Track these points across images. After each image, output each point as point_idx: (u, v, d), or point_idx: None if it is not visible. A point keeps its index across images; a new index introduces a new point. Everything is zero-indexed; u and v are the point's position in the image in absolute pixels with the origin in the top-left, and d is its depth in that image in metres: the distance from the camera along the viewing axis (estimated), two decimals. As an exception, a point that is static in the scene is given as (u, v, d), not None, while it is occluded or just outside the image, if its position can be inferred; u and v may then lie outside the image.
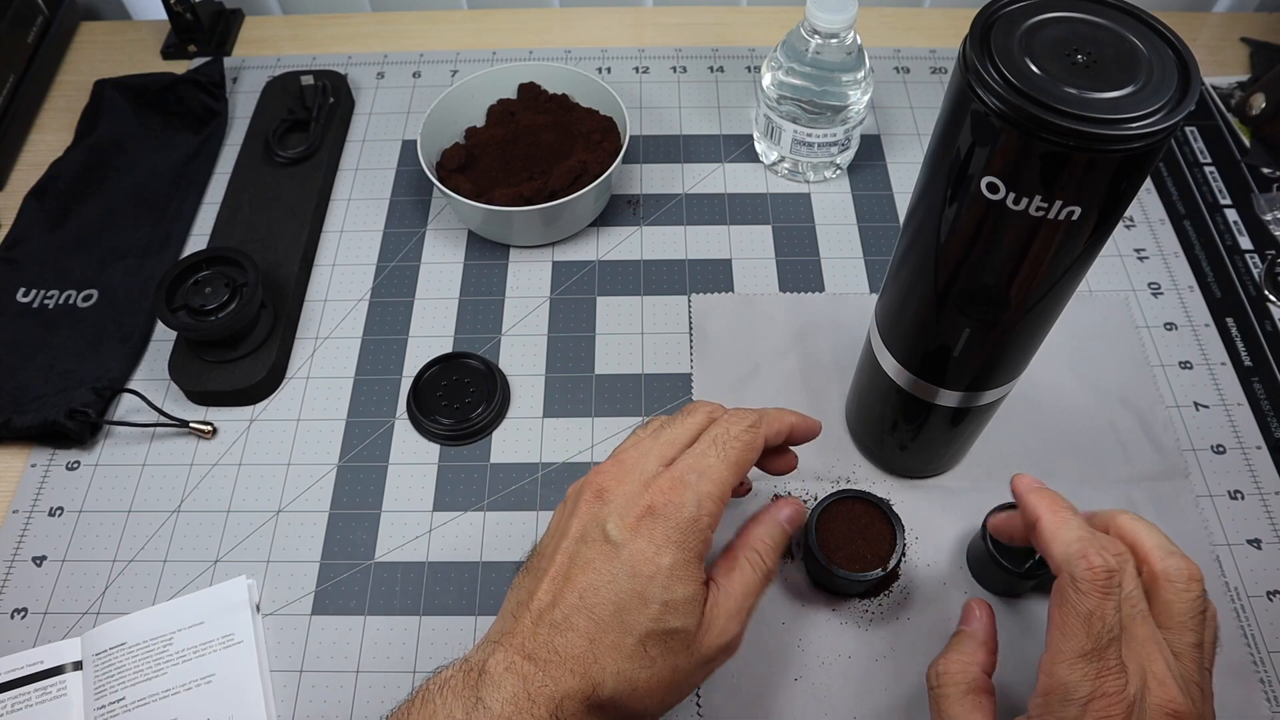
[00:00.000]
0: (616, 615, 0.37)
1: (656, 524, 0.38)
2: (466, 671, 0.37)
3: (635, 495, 0.39)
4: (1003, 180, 0.34)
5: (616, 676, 0.37)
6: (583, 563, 0.39)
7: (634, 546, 0.38)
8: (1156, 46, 0.34)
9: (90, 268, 0.65)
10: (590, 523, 0.40)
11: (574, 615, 0.38)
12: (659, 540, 0.38)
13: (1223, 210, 0.68)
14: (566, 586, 0.38)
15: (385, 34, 0.82)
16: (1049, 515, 0.39)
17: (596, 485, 0.40)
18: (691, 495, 0.39)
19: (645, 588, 0.38)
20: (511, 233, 0.66)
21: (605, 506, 0.39)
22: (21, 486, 0.57)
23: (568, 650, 0.37)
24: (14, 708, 0.48)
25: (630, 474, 0.40)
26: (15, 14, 0.75)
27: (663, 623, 0.38)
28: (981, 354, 0.43)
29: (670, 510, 0.39)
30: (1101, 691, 0.34)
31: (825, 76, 0.63)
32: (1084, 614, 0.35)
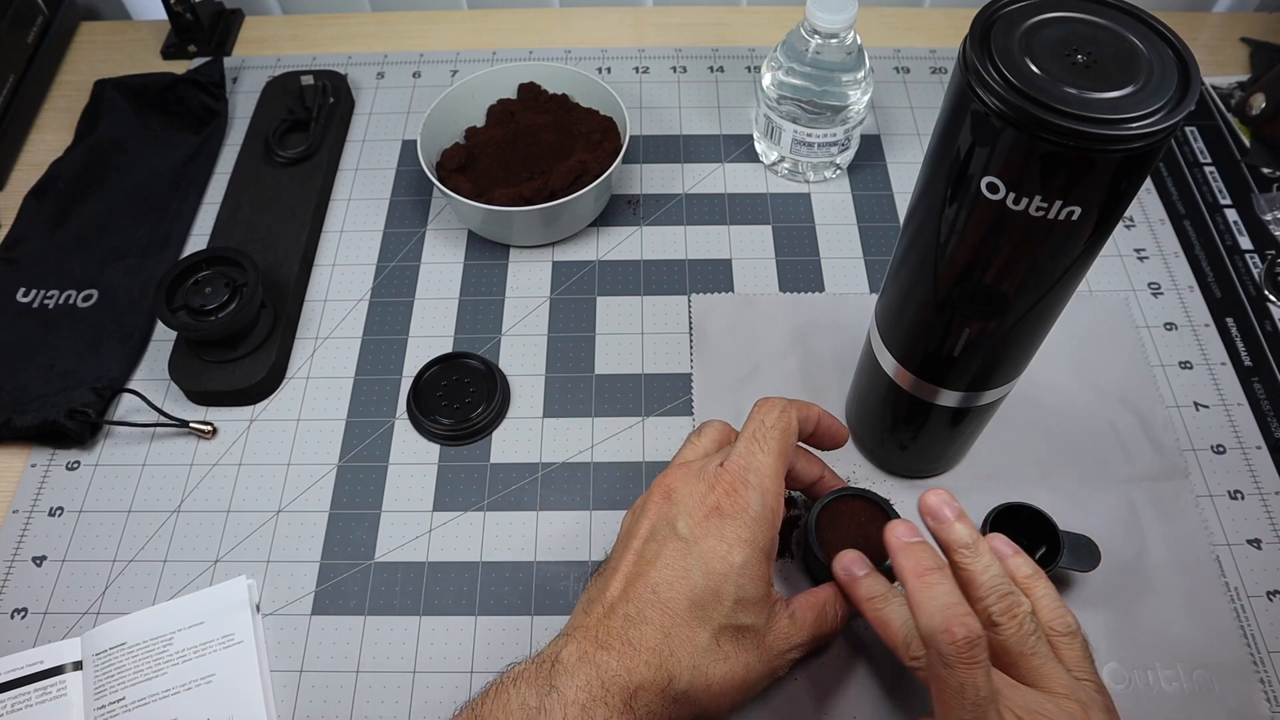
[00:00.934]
0: (691, 609, 0.38)
1: (726, 523, 0.40)
2: (539, 664, 0.38)
3: (702, 495, 0.41)
4: (1003, 180, 0.34)
5: (692, 670, 0.38)
6: (654, 557, 0.40)
7: (706, 544, 0.39)
8: (1156, 46, 0.34)
9: (90, 268, 0.65)
10: (659, 521, 0.41)
11: (648, 609, 0.38)
12: (730, 538, 0.39)
13: (1223, 210, 0.68)
14: (639, 580, 0.39)
15: (385, 34, 0.82)
16: (914, 581, 0.37)
17: (664, 486, 0.42)
18: (754, 494, 0.40)
19: (720, 584, 0.39)
20: (511, 233, 0.66)
21: (674, 506, 0.41)
22: (21, 486, 0.57)
23: (642, 642, 0.38)
24: (14, 708, 0.48)
25: (693, 475, 0.42)
26: (15, 14, 0.75)
27: (735, 618, 0.39)
28: (981, 354, 0.43)
29: (737, 510, 0.40)
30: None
31: (825, 76, 0.63)
32: (955, 688, 0.34)
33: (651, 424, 0.58)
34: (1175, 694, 0.48)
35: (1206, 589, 0.51)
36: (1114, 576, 0.51)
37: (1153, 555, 0.52)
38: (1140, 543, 0.53)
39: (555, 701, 0.36)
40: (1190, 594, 0.51)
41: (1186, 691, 0.48)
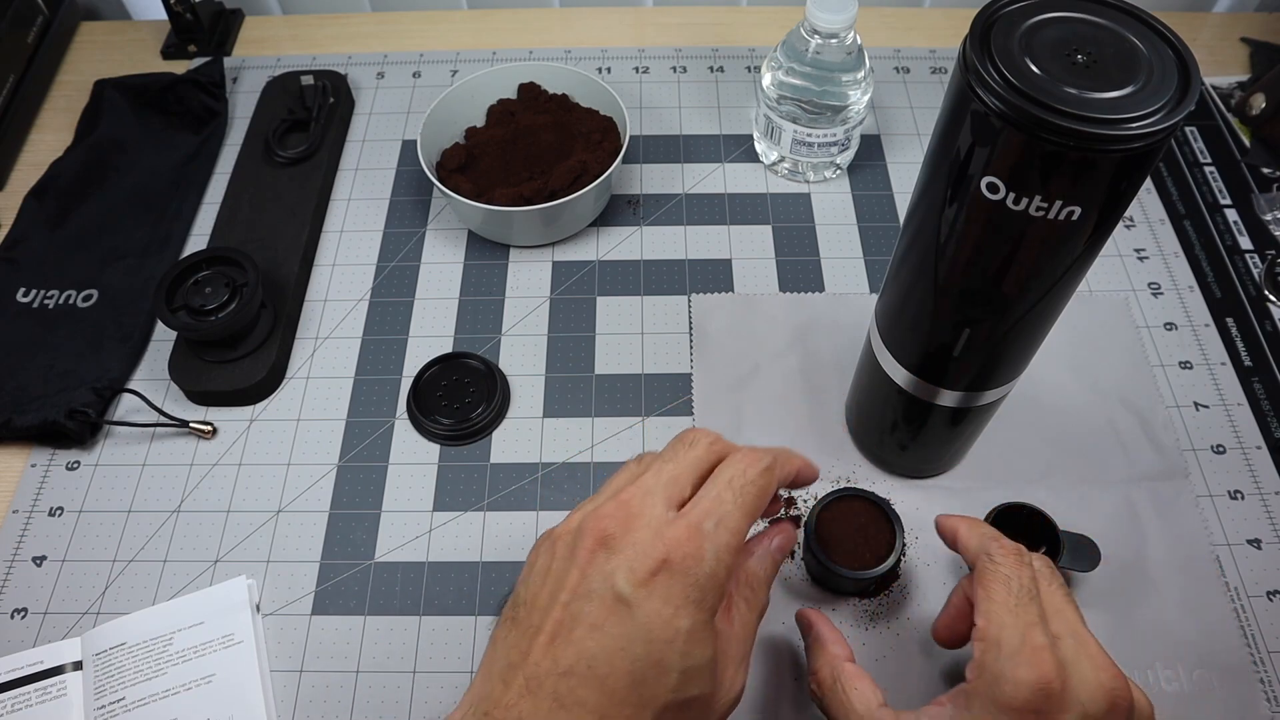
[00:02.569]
0: (632, 688, 0.33)
1: (674, 581, 0.34)
2: None
3: (647, 545, 0.35)
4: (1003, 180, 0.34)
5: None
6: (588, 623, 0.34)
7: (649, 607, 0.34)
8: (1156, 46, 0.34)
9: (90, 268, 0.65)
10: (595, 575, 0.35)
11: (580, 687, 0.33)
12: (676, 600, 0.34)
13: (1223, 210, 0.68)
14: (568, 650, 0.34)
15: (385, 34, 0.82)
16: (964, 525, 0.41)
17: (599, 530, 0.35)
18: (710, 547, 0.35)
19: (663, 654, 0.34)
20: (511, 233, 0.66)
21: (613, 557, 0.35)
22: (21, 486, 0.57)
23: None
24: (14, 708, 0.48)
25: (638, 519, 0.36)
26: (15, 14, 0.75)
27: (682, 692, 0.34)
28: (981, 354, 0.43)
29: (689, 564, 0.34)
30: (1030, 643, 0.35)
31: (825, 76, 0.63)
32: (1003, 578, 0.37)
33: (651, 424, 0.58)
34: (1175, 694, 0.48)
35: (1206, 589, 0.51)
36: (1114, 576, 0.51)
37: (1153, 555, 0.52)
38: (1140, 543, 0.53)
39: None
40: (1190, 594, 0.51)
41: (1186, 691, 0.48)
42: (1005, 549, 0.39)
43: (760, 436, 0.57)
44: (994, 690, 0.35)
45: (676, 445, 0.39)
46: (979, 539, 0.40)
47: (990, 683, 0.35)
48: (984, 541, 0.40)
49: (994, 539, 0.39)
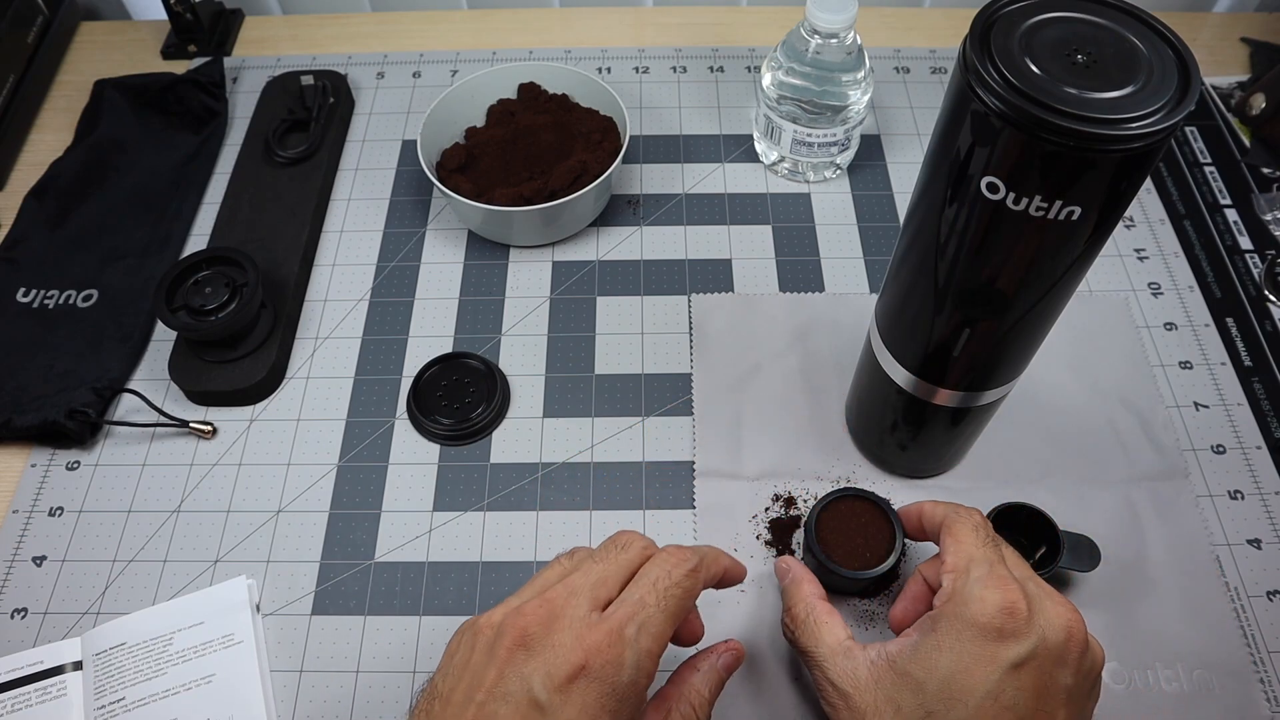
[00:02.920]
0: None
1: (590, 688, 0.34)
2: None
3: (567, 649, 0.34)
4: (1003, 180, 0.34)
5: None
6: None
7: (564, 715, 0.33)
8: (1156, 46, 0.34)
9: (90, 268, 0.65)
10: (513, 676, 0.34)
11: None
12: (593, 709, 0.34)
13: (1223, 210, 0.68)
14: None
15: (385, 34, 0.82)
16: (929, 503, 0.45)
17: (519, 629, 0.35)
18: (630, 654, 0.35)
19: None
20: (511, 233, 0.66)
21: (531, 659, 0.34)
22: (21, 486, 0.57)
23: None
24: (14, 708, 0.48)
25: (560, 620, 0.35)
26: (15, 14, 0.75)
27: None
28: (981, 354, 0.43)
29: (607, 671, 0.34)
30: (996, 573, 0.38)
31: (825, 76, 0.63)
32: (971, 526, 0.41)
33: (651, 424, 0.58)
34: (1175, 694, 0.48)
35: (1206, 589, 0.51)
36: (1114, 576, 0.51)
37: (1153, 555, 0.52)
38: (1140, 543, 0.53)
39: None
40: (1190, 594, 0.51)
41: (1186, 691, 0.48)
42: (970, 510, 0.42)
43: (760, 436, 0.57)
44: (961, 610, 0.37)
45: (609, 546, 0.39)
46: (944, 507, 0.43)
47: (960, 604, 0.38)
48: (949, 506, 0.43)
49: (955, 507, 0.43)
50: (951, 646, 0.37)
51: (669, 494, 0.55)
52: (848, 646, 0.41)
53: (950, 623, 0.37)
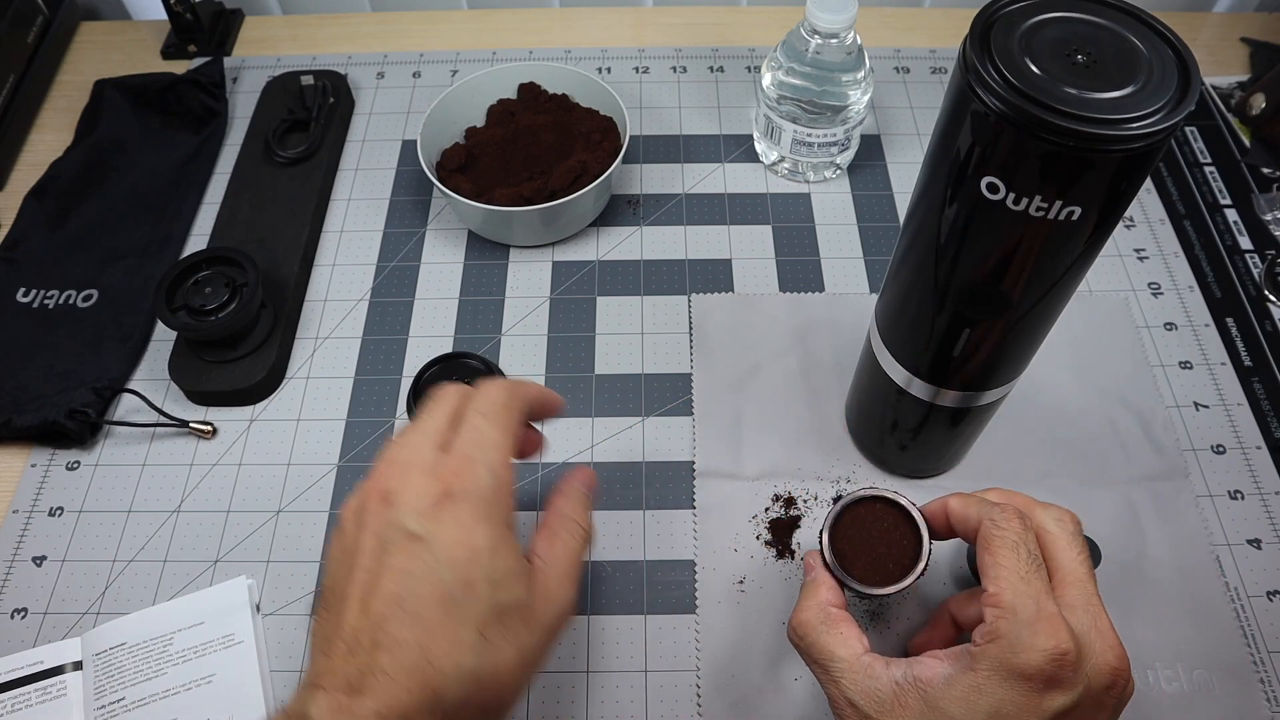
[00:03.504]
0: (445, 609, 0.34)
1: (458, 505, 0.36)
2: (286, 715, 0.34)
3: (425, 485, 0.36)
4: (1003, 180, 0.34)
5: (460, 677, 0.34)
6: (388, 569, 0.35)
7: (442, 534, 0.35)
8: (1156, 46, 0.34)
9: (90, 268, 0.65)
10: (385, 527, 0.36)
11: (395, 627, 0.34)
12: (466, 521, 0.36)
13: (1223, 210, 0.68)
14: (377, 599, 0.35)
15: (385, 34, 0.82)
16: (954, 500, 0.41)
17: (378, 491, 0.37)
18: (482, 468, 0.37)
19: (467, 573, 0.35)
20: (511, 233, 0.66)
21: (396, 507, 0.36)
22: (21, 486, 0.57)
23: (398, 666, 0.33)
24: (14, 708, 0.48)
25: (410, 467, 0.37)
26: (15, 14, 0.75)
27: (495, 601, 0.35)
28: (981, 354, 0.43)
29: (468, 487, 0.37)
30: (1044, 612, 0.35)
31: (825, 76, 0.63)
32: (1010, 544, 0.37)
33: (651, 424, 0.58)
34: (1175, 694, 0.48)
35: (1206, 589, 0.51)
36: (1114, 576, 0.51)
37: (1153, 555, 0.52)
38: (1140, 543, 0.53)
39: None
40: (1190, 594, 0.51)
41: (1186, 691, 0.48)
42: (1008, 514, 0.38)
43: (760, 437, 0.57)
44: (1009, 655, 0.35)
45: (428, 403, 0.41)
46: (977, 507, 0.40)
47: (1006, 648, 0.35)
48: (983, 508, 0.39)
49: (994, 505, 0.39)
50: (995, 691, 0.35)
51: (669, 494, 0.55)
52: (867, 662, 0.38)
53: (995, 667, 0.35)
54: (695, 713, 0.48)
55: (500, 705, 0.36)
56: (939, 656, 0.37)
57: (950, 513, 0.41)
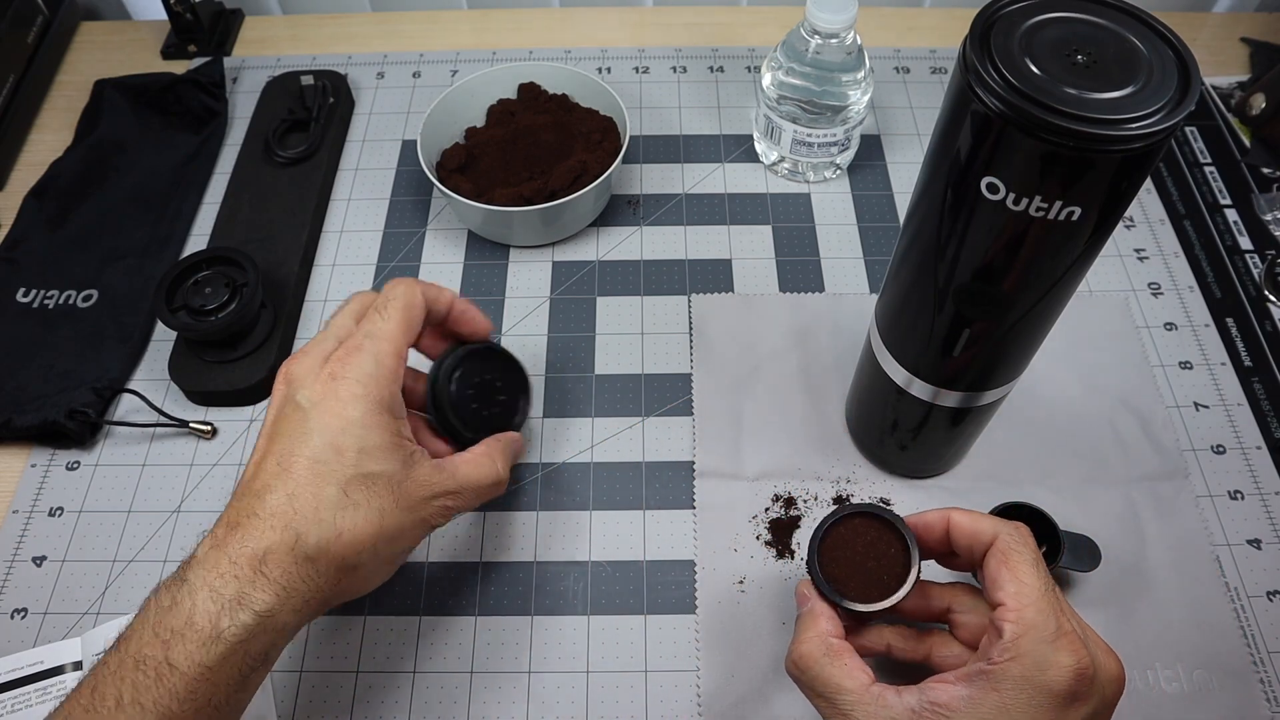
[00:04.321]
0: (313, 467, 0.40)
1: (341, 384, 0.42)
2: (183, 563, 0.39)
3: (318, 367, 0.43)
4: (1003, 180, 0.34)
5: (319, 524, 0.39)
6: (279, 433, 0.41)
7: (323, 406, 0.41)
8: (1156, 47, 0.34)
9: (90, 268, 0.65)
10: (283, 401, 0.42)
11: (274, 480, 0.40)
12: (345, 396, 0.41)
13: (1223, 210, 0.68)
14: (267, 458, 0.41)
15: (385, 34, 0.82)
16: (960, 514, 0.41)
17: (283, 373, 0.43)
18: (368, 353, 0.43)
19: (338, 438, 0.40)
20: (511, 233, 0.66)
21: (292, 385, 0.43)
22: (21, 486, 0.57)
23: (267, 510, 0.39)
24: (14, 708, 0.48)
25: (310, 354, 0.43)
26: (15, 14, 0.75)
27: (361, 467, 0.40)
28: (981, 354, 0.43)
29: (351, 369, 0.42)
30: (1063, 629, 0.36)
31: (825, 76, 0.63)
32: (1031, 560, 0.38)
33: (651, 424, 0.58)
34: (1175, 694, 0.48)
35: (1206, 589, 0.51)
36: (1114, 576, 0.51)
37: (1153, 555, 0.52)
38: (1140, 543, 0.53)
39: (185, 593, 0.37)
40: (1190, 594, 0.51)
41: (1186, 691, 0.48)
42: (1023, 532, 0.39)
43: (760, 437, 0.57)
44: (1035, 674, 0.35)
45: (345, 302, 0.47)
46: (989, 523, 0.40)
47: (1031, 666, 0.35)
48: (996, 524, 0.40)
49: (1008, 523, 0.39)
50: (1022, 711, 0.35)
51: (669, 494, 0.55)
52: (877, 692, 0.37)
53: (1021, 686, 0.35)
54: (695, 713, 0.48)
55: (358, 563, 0.40)
56: (948, 680, 0.37)
57: (955, 526, 0.41)
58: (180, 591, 0.37)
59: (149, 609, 0.38)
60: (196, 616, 0.37)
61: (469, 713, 0.48)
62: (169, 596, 0.38)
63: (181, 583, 0.38)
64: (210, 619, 0.37)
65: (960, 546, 0.41)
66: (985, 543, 0.39)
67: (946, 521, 0.41)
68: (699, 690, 0.49)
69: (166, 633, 0.37)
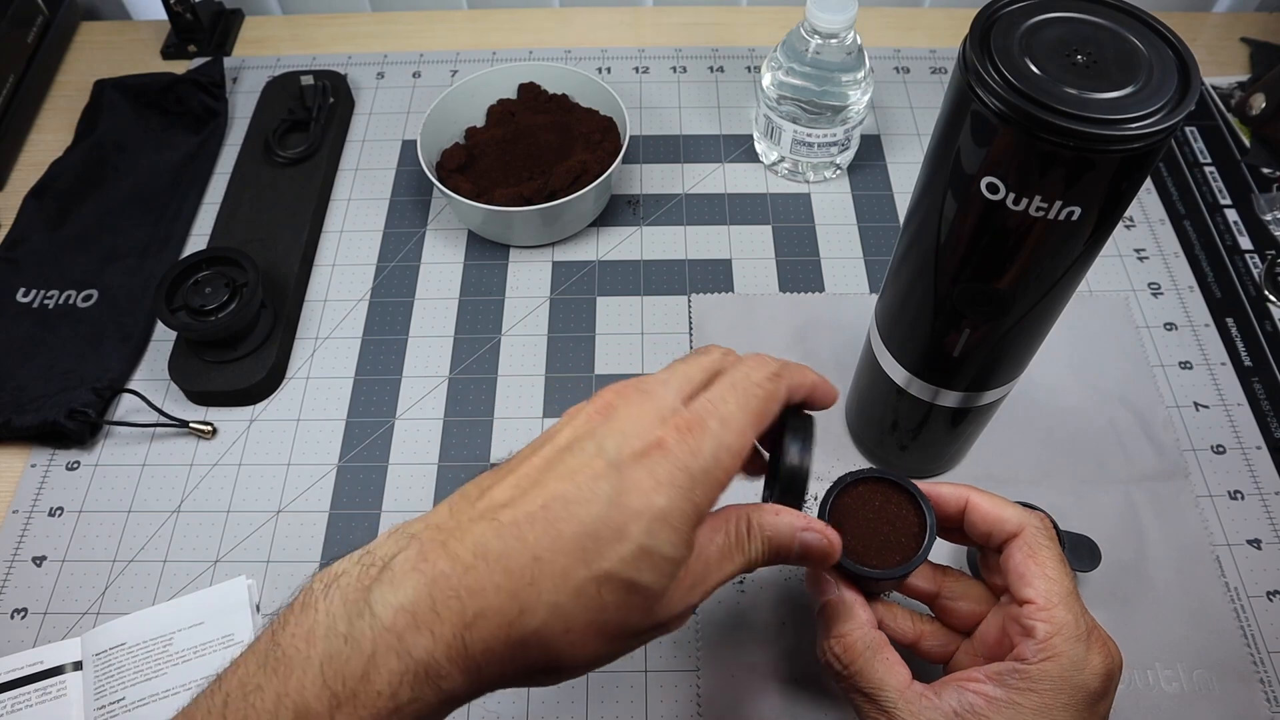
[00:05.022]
0: (580, 539, 0.31)
1: (664, 462, 0.32)
2: (365, 566, 0.30)
3: (648, 424, 0.33)
4: (1003, 180, 0.34)
5: (552, 608, 0.30)
6: (562, 471, 0.32)
7: (631, 474, 0.31)
8: (1156, 47, 0.34)
9: (90, 268, 0.65)
10: (585, 434, 0.33)
11: (528, 524, 0.31)
12: (662, 478, 0.32)
13: (1223, 210, 0.68)
14: (533, 490, 0.32)
15: (385, 34, 0.82)
16: (982, 496, 0.39)
17: (604, 401, 0.34)
18: (709, 443, 0.33)
19: (627, 523, 0.31)
20: (511, 233, 0.66)
21: (609, 423, 0.33)
22: (21, 486, 0.57)
23: (501, 560, 0.30)
24: (14, 708, 0.48)
25: (645, 399, 0.34)
26: (15, 14, 0.75)
27: (631, 570, 0.31)
28: (981, 354, 0.43)
29: (683, 453, 0.32)
30: (1090, 625, 0.36)
31: (825, 76, 0.63)
32: (1057, 555, 0.37)
33: (651, 424, 0.58)
34: (1175, 694, 0.48)
35: (1206, 589, 0.51)
36: (1114, 576, 0.51)
37: (1153, 555, 0.52)
38: (1140, 543, 0.53)
39: (365, 628, 0.29)
40: (1190, 594, 0.51)
41: (1186, 692, 0.48)
42: (1047, 524, 0.38)
43: (760, 436, 0.57)
44: (1072, 674, 0.35)
45: (695, 352, 0.38)
46: (1014, 511, 0.38)
47: (1069, 666, 0.35)
48: (1021, 514, 0.38)
49: (1031, 514, 0.38)
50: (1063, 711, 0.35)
51: (669, 494, 0.55)
52: (919, 690, 0.36)
53: (1059, 686, 0.35)
54: (695, 713, 0.48)
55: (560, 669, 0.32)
56: (978, 678, 0.36)
57: (975, 509, 0.39)
58: (361, 623, 0.29)
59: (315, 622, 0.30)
60: (376, 675, 0.28)
61: (469, 712, 0.48)
62: (345, 619, 0.29)
63: (364, 608, 0.29)
64: (391, 684, 0.29)
65: (977, 532, 0.39)
66: (1009, 531, 0.38)
67: (963, 502, 0.39)
68: (699, 690, 0.49)
69: (338, 683, 0.28)
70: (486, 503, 0.32)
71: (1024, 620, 0.36)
